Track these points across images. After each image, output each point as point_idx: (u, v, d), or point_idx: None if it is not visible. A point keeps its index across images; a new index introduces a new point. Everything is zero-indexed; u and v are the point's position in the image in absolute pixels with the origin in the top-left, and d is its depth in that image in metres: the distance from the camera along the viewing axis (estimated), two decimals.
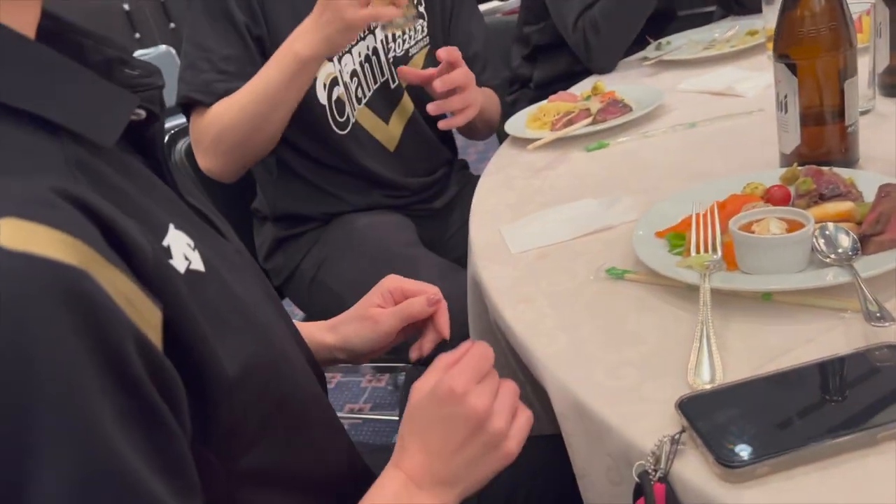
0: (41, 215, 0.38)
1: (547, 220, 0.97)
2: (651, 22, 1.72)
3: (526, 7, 1.83)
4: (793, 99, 0.87)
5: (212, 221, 0.59)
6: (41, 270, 0.37)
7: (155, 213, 0.48)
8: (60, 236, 0.38)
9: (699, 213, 0.79)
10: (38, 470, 0.36)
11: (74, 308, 0.37)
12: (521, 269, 0.87)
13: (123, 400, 0.39)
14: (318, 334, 0.83)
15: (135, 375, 0.40)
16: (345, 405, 2.14)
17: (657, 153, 1.13)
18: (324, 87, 1.31)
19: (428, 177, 1.46)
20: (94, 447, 0.37)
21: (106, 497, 0.38)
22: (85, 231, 0.39)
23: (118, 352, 0.39)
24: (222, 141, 1.21)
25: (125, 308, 0.40)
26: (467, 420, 0.58)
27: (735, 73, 1.37)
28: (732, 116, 1.17)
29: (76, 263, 0.38)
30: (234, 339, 0.50)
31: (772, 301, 0.68)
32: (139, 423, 0.40)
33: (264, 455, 0.54)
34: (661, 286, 0.75)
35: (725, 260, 0.73)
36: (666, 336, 0.68)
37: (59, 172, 0.42)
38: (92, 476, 0.37)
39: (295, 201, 1.40)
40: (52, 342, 0.37)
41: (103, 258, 0.39)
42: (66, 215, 0.39)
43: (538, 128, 1.31)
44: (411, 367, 1.26)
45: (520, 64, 1.86)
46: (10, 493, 0.36)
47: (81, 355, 0.37)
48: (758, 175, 0.86)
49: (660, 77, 1.49)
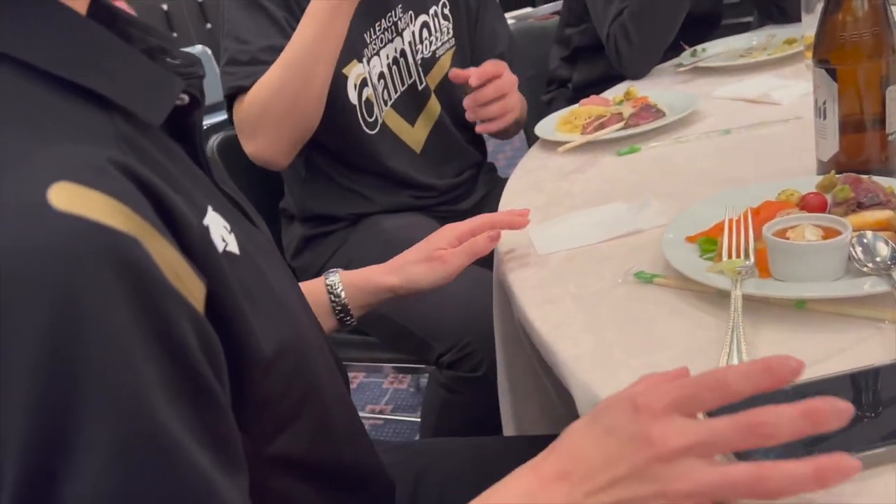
0: (95, 181, 0.38)
1: (575, 222, 0.96)
2: (693, 28, 1.69)
3: (568, 8, 1.81)
4: (832, 105, 0.85)
5: (244, 210, 0.59)
6: (94, 235, 0.37)
7: (195, 193, 0.48)
8: (114, 203, 0.38)
9: (732, 218, 0.77)
10: (82, 432, 0.36)
11: (125, 275, 0.37)
12: (548, 271, 0.86)
13: (170, 369, 0.39)
14: (378, 276, 0.88)
15: (183, 345, 0.40)
16: (366, 405, 2.14)
17: (689, 159, 1.11)
18: (354, 87, 1.31)
19: (456, 178, 1.45)
20: (137, 414, 0.37)
21: (146, 464, 0.38)
22: (137, 201, 0.40)
23: (166, 321, 0.39)
24: (268, 115, 1.19)
25: (172, 280, 0.40)
26: (637, 444, 0.44)
27: (771, 80, 1.35)
28: (768, 124, 1.15)
29: (128, 231, 0.38)
30: (268, 322, 0.50)
31: (805, 309, 0.66)
32: (186, 393, 0.40)
33: (290, 442, 0.54)
34: (691, 291, 0.73)
35: (758, 267, 0.71)
36: (694, 342, 0.66)
37: (110, 145, 0.42)
38: (133, 443, 0.37)
39: (323, 201, 1.39)
40: (101, 306, 0.37)
41: (154, 229, 0.40)
42: (119, 184, 0.39)
43: (569, 131, 1.30)
44: (433, 369, 1.26)
45: (559, 65, 1.84)
46: (57, 453, 0.36)
47: (130, 322, 0.37)
48: (793, 182, 0.84)
49: (694, 84, 1.47)
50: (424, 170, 1.40)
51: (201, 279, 0.43)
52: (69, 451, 0.36)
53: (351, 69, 1.29)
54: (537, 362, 0.85)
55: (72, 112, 0.43)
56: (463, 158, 1.47)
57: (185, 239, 0.43)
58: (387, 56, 1.33)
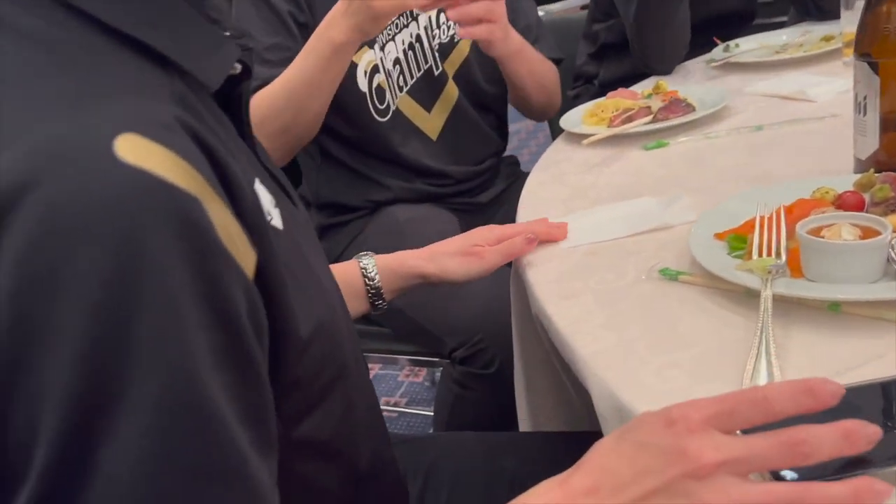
0: (161, 136, 0.37)
1: (601, 216, 0.93)
2: (723, 25, 1.65)
3: (595, 3, 1.78)
4: (873, 101, 0.81)
5: (284, 187, 0.58)
6: (158, 191, 0.36)
7: (243, 163, 0.47)
8: (178, 161, 0.37)
9: (763, 215, 0.74)
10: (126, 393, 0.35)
11: (185, 235, 0.36)
12: (569, 265, 0.83)
13: (220, 338, 0.38)
14: (412, 261, 0.87)
15: (234, 314, 0.39)
16: (381, 398, 2.13)
17: (719, 155, 1.08)
18: (364, 73, 1.29)
19: (475, 166, 1.43)
20: (184, 381, 0.36)
21: (187, 434, 0.36)
22: (199, 161, 0.39)
23: (220, 287, 0.38)
24: (265, 127, 1.19)
25: (228, 245, 0.39)
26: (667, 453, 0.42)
27: (807, 77, 1.30)
28: (802, 121, 1.11)
29: (190, 190, 0.37)
30: (307, 302, 0.49)
31: (839, 312, 0.63)
32: (232, 365, 0.39)
33: (316, 426, 0.53)
34: (718, 290, 0.70)
35: (790, 266, 0.68)
36: (720, 341, 0.64)
37: (172, 103, 0.42)
38: (176, 410, 0.36)
39: (337, 188, 1.38)
40: (160, 265, 0.35)
41: (213, 191, 0.39)
42: (184, 142, 0.38)
43: (594, 123, 1.27)
44: (447, 364, 1.24)
45: (585, 61, 1.81)
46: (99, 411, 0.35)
47: (186, 284, 0.36)
48: (828, 180, 0.80)
49: (726, 79, 1.43)
50: (440, 157, 1.38)
51: (253, 248, 0.42)
52: (111, 410, 0.35)
53: (361, 56, 1.28)
54: (555, 358, 0.82)
55: (134, 67, 0.42)
56: (482, 145, 1.45)
57: (240, 205, 0.41)
58: (402, 41, 1.32)
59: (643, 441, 0.44)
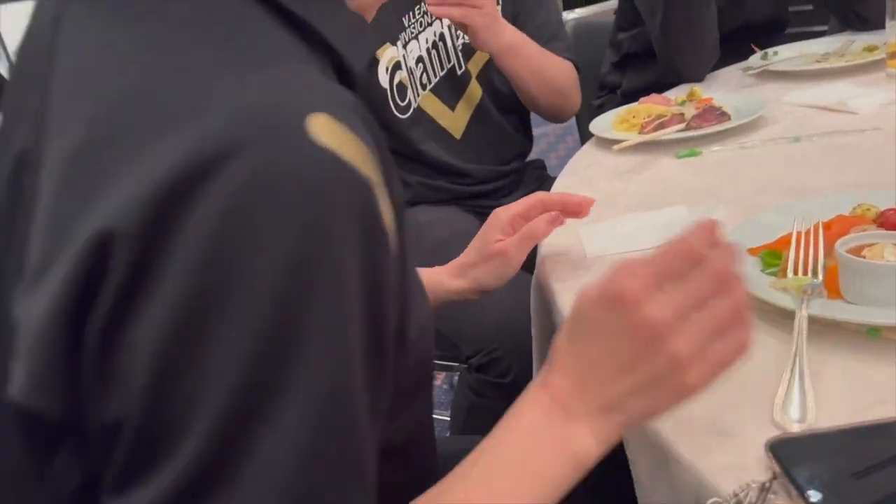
0: (350, 121, 0.37)
1: (631, 225, 0.90)
2: (755, 34, 1.61)
3: (620, 11, 1.74)
4: None
5: None
6: (345, 175, 0.36)
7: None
8: (361, 145, 0.37)
9: (800, 230, 0.71)
10: (293, 377, 0.35)
11: (361, 222, 0.36)
12: (594, 275, 0.80)
13: (371, 328, 0.38)
14: (445, 280, 0.84)
15: (385, 304, 0.39)
16: None
17: (755, 166, 1.04)
18: (386, 70, 1.28)
19: (499, 166, 1.41)
20: (343, 371, 0.36)
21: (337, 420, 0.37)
22: (373, 146, 0.39)
23: (380, 276, 0.38)
24: None
25: (389, 232, 0.39)
26: (635, 333, 0.44)
27: (848, 88, 1.26)
28: (843, 133, 1.07)
29: (368, 176, 0.37)
30: (417, 302, 0.48)
31: (879, 338, 0.60)
32: (374, 363, 0.39)
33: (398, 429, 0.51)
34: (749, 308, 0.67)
35: (827, 287, 0.65)
36: (750, 364, 0.60)
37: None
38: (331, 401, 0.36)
39: None
40: (339, 251, 0.36)
41: (381, 177, 0.39)
42: (364, 127, 0.38)
43: (625, 129, 1.24)
44: (465, 368, 1.21)
45: (609, 70, 1.78)
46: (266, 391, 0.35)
47: (357, 272, 0.36)
48: (871, 195, 0.77)
49: (763, 88, 1.39)
50: (463, 155, 1.37)
51: (397, 238, 0.41)
52: (276, 395, 0.35)
53: (383, 52, 1.27)
54: None
55: (300, 47, 0.43)
56: (507, 145, 1.44)
57: (396, 196, 0.41)
58: (426, 40, 1.31)
59: (604, 326, 0.45)
